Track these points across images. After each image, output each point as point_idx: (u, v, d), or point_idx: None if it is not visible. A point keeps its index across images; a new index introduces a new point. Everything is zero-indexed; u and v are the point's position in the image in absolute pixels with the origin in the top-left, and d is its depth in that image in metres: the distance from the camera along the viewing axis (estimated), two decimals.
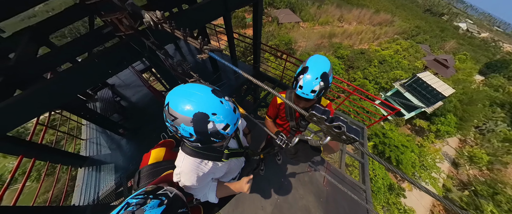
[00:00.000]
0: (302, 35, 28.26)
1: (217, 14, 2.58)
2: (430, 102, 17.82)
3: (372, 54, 23.19)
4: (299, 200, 2.02)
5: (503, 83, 30.57)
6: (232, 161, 0.99)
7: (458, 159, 18.56)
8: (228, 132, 0.62)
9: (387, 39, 33.26)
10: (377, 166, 11.34)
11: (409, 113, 18.82)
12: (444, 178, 16.34)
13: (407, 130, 19.16)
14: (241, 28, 26.73)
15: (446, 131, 17.12)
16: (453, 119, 17.52)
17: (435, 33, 45.80)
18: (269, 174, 2.26)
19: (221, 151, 0.85)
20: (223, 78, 4.40)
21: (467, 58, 34.69)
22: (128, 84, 4.70)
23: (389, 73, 20.51)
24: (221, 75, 4.51)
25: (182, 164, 0.78)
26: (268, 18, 30.40)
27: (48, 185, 9.13)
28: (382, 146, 12.38)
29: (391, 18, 45.78)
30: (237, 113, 0.66)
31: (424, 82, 17.88)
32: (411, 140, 14.41)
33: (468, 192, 14.83)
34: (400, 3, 67.02)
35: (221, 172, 0.95)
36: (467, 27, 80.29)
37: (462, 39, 51.95)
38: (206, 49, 0.81)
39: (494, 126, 21.74)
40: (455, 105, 18.41)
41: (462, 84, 23.04)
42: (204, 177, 0.83)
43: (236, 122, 0.65)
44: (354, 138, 0.49)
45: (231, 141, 1.00)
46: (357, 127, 3.97)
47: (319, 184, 2.31)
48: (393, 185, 12.20)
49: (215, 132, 0.60)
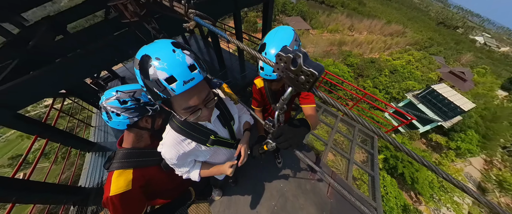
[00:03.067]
0: (310, 42, 28.63)
1: (227, 10, 2.69)
2: (447, 116, 16.74)
3: (382, 63, 22.66)
4: (298, 211, 1.83)
5: None
6: (220, 150, 1.00)
7: (484, 182, 16.83)
8: (173, 88, 0.53)
9: (399, 49, 32.73)
10: (389, 183, 10.39)
11: (424, 126, 17.72)
12: (470, 204, 14.65)
13: (422, 145, 17.91)
14: (252, 32, 27.59)
15: (467, 148, 15.76)
16: (475, 136, 16.18)
17: (450, 45, 44.66)
18: (268, 177, 2.12)
19: (208, 134, 0.85)
20: (229, 76, 4.40)
21: (487, 72, 33.10)
22: None
23: (401, 84, 19.76)
24: (227, 74, 4.47)
25: (165, 136, 0.81)
26: (279, 24, 31.57)
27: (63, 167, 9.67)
28: (394, 160, 11.46)
29: (403, 29, 45.43)
30: (196, 73, 0.56)
31: (440, 95, 16.95)
32: (427, 156, 13.30)
33: None
34: (412, 15, 66.91)
35: (204, 156, 0.95)
36: (485, 40, 77.99)
37: (480, 53, 50.19)
38: (192, 13, 0.74)
39: None
40: (477, 121, 17.13)
41: (483, 99, 21.79)
42: (184, 156, 0.84)
43: (189, 80, 0.55)
44: (313, 72, 0.36)
45: (221, 129, 0.95)
46: (366, 134, 3.56)
47: (322, 195, 2.00)
48: (408, 206, 11.05)
49: (156, 81, 0.52)
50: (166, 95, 0.55)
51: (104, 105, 0.78)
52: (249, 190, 2.00)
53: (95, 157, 3.06)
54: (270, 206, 1.87)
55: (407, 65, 24.06)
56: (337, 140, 7.72)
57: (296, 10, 35.07)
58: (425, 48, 37.72)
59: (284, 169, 2.28)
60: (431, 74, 23.78)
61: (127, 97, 0.79)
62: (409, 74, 21.40)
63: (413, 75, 21.36)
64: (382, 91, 19.31)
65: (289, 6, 34.76)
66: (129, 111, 0.80)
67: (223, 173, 0.97)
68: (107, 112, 0.79)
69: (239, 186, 2.05)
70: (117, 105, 0.78)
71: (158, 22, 1.50)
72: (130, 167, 0.86)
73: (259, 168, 2.26)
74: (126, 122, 0.81)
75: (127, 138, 0.92)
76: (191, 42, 5.72)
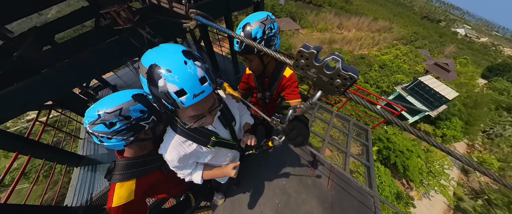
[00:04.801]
0: (301, 41, 28.78)
1: (219, 14, 2.68)
2: (433, 106, 17.39)
3: (372, 59, 23.17)
4: (301, 206, 1.86)
5: (507, 86, 29.90)
6: (221, 150, 0.97)
7: (467, 165, 17.74)
8: (183, 101, 0.51)
9: (386, 44, 33.44)
10: (383, 173, 10.82)
11: (413, 117, 18.34)
12: (454, 186, 15.44)
13: (412, 135, 18.56)
14: None
15: (452, 135, 16.52)
16: (459, 123, 16.97)
17: (434, 38, 45.90)
18: (269, 176, 2.10)
19: (209, 136, 0.82)
20: (223, 79, 4.37)
21: (468, 62, 34.34)
22: (130, 85, 4.73)
23: (390, 78, 20.32)
24: (222, 76, 4.49)
25: (166, 138, 0.79)
26: None
27: (47, 185, 8.82)
28: (387, 151, 11.90)
29: (389, 25, 46.28)
30: (206, 86, 0.54)
31: (427, 86, 17.57)
32: (417, 144, 13.83)
33: (481, 201, 13.96)
34: (398, 11, 68.13)
35: (205, 158, 0.92)
36: (466, 32, 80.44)
37: (461, 44, 51.82)
38: (193, 13, 0.74)
39: (502, 130, 20.99)
40: (460, 109, 17.92)
41: (465, 87, 22.66)
42: (185, 158, 0.82)
43: (199, 93, 0.53)
44: (351, 75, 0.35)
45: (222, 130, 0.92)
46: (360, 127, 3.77)
47: (323, 188, 2.12)
48: (400, 193, 11.54)
49: (165, 93, 0.50)
50: (174, 107, 0.54)
51: (90, 131, 0.67)
52: (252, 191, 1.95)
53: (84, 171, 2.77)
54: (274, 205, 1.85)
55: (395, 59, 24.68)
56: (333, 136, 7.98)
57: (285, 12, 35.10)
58: (411, 42, 38.67)
59: (285, 166, 2.28)
60: (418, 67, 24.52)
61: (113, 118, 0.66)
62: (398, 68, 21.99)
63: (401, 69, 21.96)
64: (373, 86, 19.79)
65: (278, 8, 34.81)
66: (121, 133, 0.69)
67: (227, 175, 0.94)
68: (96, 137, 0.69)
69: (241, 188, 1.98)
70: (105, 130, 0.66)
71: (152, 28, 1.47)
72: (133, 177, 0.80)
73: (260, 167, 2.24)
74: (122, 144, 0.72)
75: (128, 150, 0.84)
76: (193, 48, 5.72)
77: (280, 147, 2.85)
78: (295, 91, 1.22)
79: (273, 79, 1.25)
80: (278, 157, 2.44)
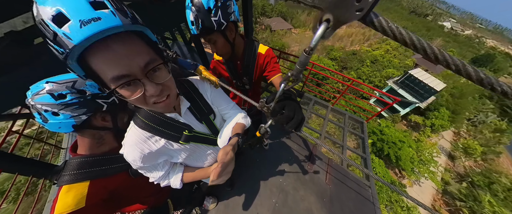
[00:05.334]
0: (294, 41, 28.87)
1: None
2: (423, 97, 17.97)
3: (363, 54, 23.57)
4: (300, 203, 1.80)
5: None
6: (199, 147, 0.79)
7: (453, 151, 18.74)
8: (66, 33, 0.32)
9: (377, 40, 34.03)
10: (377, 164, 11.16)
11: (404, 109, 18.91)
12: (442, 172, 16.30)
13: (403, 126, 19.16)
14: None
15: (440, 124, 17.19)
16: (446, 113, 17.66)
17: (422, 32, 47.07)
18: (265, 175, 2.04)
19: (180, 129, 0.67)
20: None
21: (454, 54, 35.33)
22: None
23: (382, 72, 20.79)
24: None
25: (127, 134, 0.63)
26: (262, 26, 31.17)
27: (19, 203, 8.44)
28: (380, 143, 12.26)
29: None
30: (106, 13, 0.35)
31: (416, 79, 18.11)
32: (408, 135, 14.34)
33: (465, 184, 14.80)
34: (386, 6, 69.21)
35: (179, 156, 0.74)
36: (451, 25, 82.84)
37: (447, 37, 53.40)
38: None
39: (485, 117, 22.13)
40: (447, 99, 18.63)
41: (452, 79, 23.45)
42: (151, 157, 0.65)
43: (90, 20, 0.33)
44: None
45: (197, 124, 0.75)
46: (356, 120, 3.83)
47: (321, 183, 2.11)
48: (394, 182, 11.99)
49: (40, 23, 0.33)
50: (63, 48, 0.34)
51: (32, 103, 0.54)
52: (247, 192, 1.83)
53: None
54: (271, 204, 1.76)
55: (385, 54, 25.19)
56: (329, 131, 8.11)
57: (276, 12, 35.07)
58: None
59: (281, 163, 2.21)
60: (408, 61, 25.15)
61: (64, 89, 0.55)
62: (388, 62, 22.49)
63: (392, 63, 22.48)
64: (366, 81, 20.20)
65: (268, 8, 34.71)
66: (71, 108, 0.56)
67: (208, 176, 0.77)
68: (38, 112, 0.55)
69: (236, 189, 1.83)
70: (51, 102, 0.54)
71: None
72: (86, 179, 0.64)
73: (256, 166, 2.13)
74: (70, 122, 0.58)
75: (81, 143, 0.68)
76: (174, 49, 5.56)
77: (276, 144, 2.60)
78: (275, 67, 1.06)
79: (246, 60, 1.06)
80: (274, 154, 2.38)
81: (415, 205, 12.15)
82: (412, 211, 11.55)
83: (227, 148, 0.61)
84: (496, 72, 38.52)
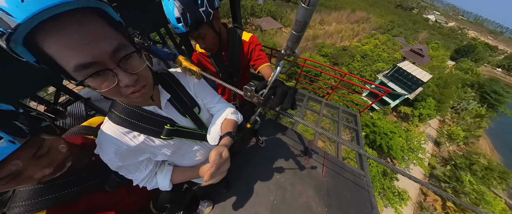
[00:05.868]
0: (285, 39, 29.00)
1: None
2: (411, 89, 18.62)
3: (353, 50, 23.99)
4: (298, 198, 1.77)
5: (471, 66, 32.81)
6: (185, 143, 0.71)
7: (439, 138, 19.86)
8: (3, 7, 0.26)
9: (366, 35, 34.68)
10: (371, 154, 11.60)
11: (394, 101, 19.53)
12: (429, 157, 17.29)
13: (394, 117, 19.88)
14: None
15: (427, 114, 17.96)
16: (433, 102, 18.44)
17: (408, 26, 48.31)
18: (262, 173, 2.02)
19: (161, 124, 0.60)
20: (208, 80, 4.18)
21: (439, 46, 36.82)
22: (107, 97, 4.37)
23: (372, 66, 21.30)
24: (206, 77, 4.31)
25: (101, 130, 0.56)
26: (252, 26, 31.07)
27: None
28: (373, 135, 12.71)
29: (367, 15, 47.88)
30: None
31: (405, 71, 18.68)
32: (398, 126, 14.94)
33: (449, 167, 15.84)
34: (373, 1, 70.28)
35: (163, 154, 0.66)
36: (436, 18, 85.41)
37: (432, 30, 55.11)
38: None
39: (466, 104, 23.39)
40: (433, 89, 19.42)
41: (437, 70, 24.40)
42: (129, 154, 0.57)
43: (44, 6, 0.27)
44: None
45: (180, 118, 0.68)
46: (349, 114, 3.94)
47: (318, 176, 2.16)
48: (386, 170, 12.51)
49: None
50: (3, 27, 0.27)
51: None
52: (244, 192, 1.75)
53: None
54: (269, 202, 1.70)
55: (375, 48, 25.76)
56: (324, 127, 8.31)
57: (265, 11, 34.98)
58: (388, 31, 40.40)
59: (278, 159, 2.16)
60: (396, 54, 25.86)
61: None
62: (378, 57, 23.02)
63: (381, 57, 23.03)
64: (357, 75, 20.68)
65: (257, 8, 34.62)
66: None
67: (202, 175, 0.67)
68: None
69: (232, 190, 1.74)
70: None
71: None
72: (41, 209, 0.51)
73: (252, 164, 2.05)
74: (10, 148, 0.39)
75: None
76: None
77: (271, 141, 2.54)
78: (261, 55, 0.99)
79: (231, 49, 0.98)
80: (270, 151, 2.32)
81: (405, 189, 12.89)
82: (402, 195, 12.18)
83: (220, 148, 0.54)
84: (477, 61, 40.30)
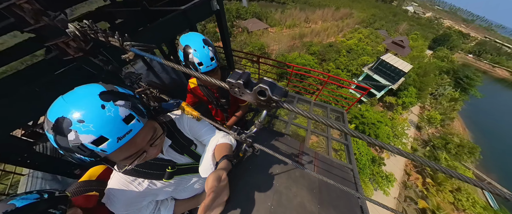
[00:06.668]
0: (273, 39, 29.13)
1: (182, 28, 2.63)
2: (394, 79, 19.60)
3: (339, 45, 24.65)
4: (293, 199, 1.81)
5: (447, 53, 34.80)
6: (184, 178, 0.79)
7: (420, 123, 21.41)
8: (104, 149, 0.41)
9: (350, 30, 35.54)
10: (361, 144, 12.27)
11: (379, 92, 20.48)
12: (412, 141, 18.70)
13: (380, 108, 20.91)
14: (214, 42, 26.84)
15: (409, 101, 19.12)
16: (414, 91, 19.60)
17: (389, 18, 50.01)
18: (260, 180, 2.07)
19: (163, 167, 0.68)
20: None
21: (418, 37, 38.57)
22: None
23: (357, 60, 22.06)
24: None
25: (110, 181, 0.63)
26: (239, 29, 30.99)
27: None
28: (362, 125, 13.42)
29: (350, 11, 48.95)
30: (134, 123, 0.44)
31: (388, 63, 19.59)
32: (384, 115, 15.83)
33: (429, 148, 17.38)
34: None
35: (165, 193, 0.74)
36: (414, 9, 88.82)
37: (411, 21, 57.40)
38: (128, 45, 0.69)
39: (443, 90, 25.11)
40: (414, 78, 20.57)
41: (417, 60, 25.67)
42: (135, 200, 0.65)
43: (124, 135, 0.43)
44: (280, 98, 0.39)
45: (179, 157, 0.76)
46: (337, 111, 4.24)
47: (310, 176, 2.30)
48: (375, 157, 13.31)
49: (78, 146, 0.39)
50: (93, 158, 0.42)
51: None
52: (243, 201, 1.80)
53: None
54: (267, 208, 1.73)
55: (359, 43, 26.60)
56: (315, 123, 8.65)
57: (250, 13, 34.90)
58: (371, 24, 41.66)
59: (272, 165, 2.20)
60: (379, 46, 26.89)
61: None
62: (362, 50, 23.84)
63: (365, 51, 23.88)
64: (344, 70, 21.31)
65: (242, 10, 34.56)
66: None
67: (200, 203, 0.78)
68: None
69: (232, 202, 1.78)
70: None
71: (110, 52, 1.31)
72: None
73: (249, 174, 2.10)
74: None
75: None
76: (154, 63, 5.36)
77: (265, 147, 2.77)
78: None
79: (221, 88, 1.22)
80: (265, 158, 2.31)
81: (392, 172, 13.83)
82: (389, 178, 13.10)
83: (218, 172, 0.55)
84: (452, 49, 42.77)
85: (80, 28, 0.79)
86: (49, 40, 1.17)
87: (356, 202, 2.46)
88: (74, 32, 0.81)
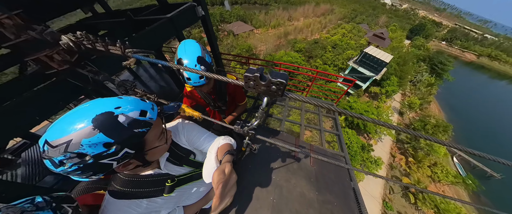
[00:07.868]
0: (259, 40, 29.18)
1: (169, 35, 2.59)
2: (377, 70, 20.48)
3: (324, 41, 25.13)
4: (293, 190, 1.85)
5: (423, 42, 36.83)
6: (185, 188, 0.77)
7: (402, 109, 22.80)
8: (150, 117, 0.52)
9: (333, 26, 36.40)
10: (351, 134, 12.81)
11: (365, 83, 21.31)
12: None
13: (366, 98, 21.80)
14: None
15: (392, 90, 20.14)
16: (395, 79, 20.66)
17: (369, 12, 51.75)
18: (261, 177, 2.08)
19: (162, 182, 0.65)
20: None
21: (396, 28, 40.37)
22: None
23: (343, 55, 22.72)
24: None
25: (103, 211, 0.58)
26: (224, 32, 30.79)
27: None
28: (351, 117, 13.96)
29: (331, 7, 49.99)
30: (150, 103, 0.56)
31: (371, 55, 20.40)
32: (370, 104, 16.57)
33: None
34: None
35: (168, 207, 0.72)
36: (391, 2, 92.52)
37: (390, 13, 59.85)
38: (130, 52, 0.71)
39: (421, 77, 26.73)
40: (395, 68, 21.62)
41: (396, 50, 26.94)
42: None
43: (152, 106, 0.54)
44: (281, 81, 0.44)
45: (177, 169, 0.75)
46: (327, 104, 4.43)
47: (307, 166, 2.41)
48: (364, 144, 13.96)
49: (134, 122, 0.47)
50: (147, 127, 0.51)
51: None
52: (246, 200, 1.80)
53: None
54: (270, 202, 1.76)
55: (343, 38, 27.37)
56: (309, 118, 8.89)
57: (234, 16, 34.86)
58: (352, 19, 42.89)
59: (271, 162, 2.19)
60: (362, 40, 27.84)
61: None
62: (347, 45, 24.57)
63: (349, 45, 24.63)
64: (331, 65, 21.87)
65: (226, 14, 34.38)
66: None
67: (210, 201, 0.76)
68: None
69: (235, 201, 1.77)
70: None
71: (95, 63, 1.24)
72: None
73: (250, 172, 2.08)
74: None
75: None
76: (140, 72, 5.17)
77: (263, 145, 2.86)
78: (242, 93, 1.38)
79: (218, 90, 1.31)
80: (263, 155, 2.33)
81: (380, 156, 14.60)
82: (378, 162, 13.84)
83: (221, 166, 0.58)
84: (427, 38, 45.30)
85: (76, 39, 0.77)
86: (29, 55, 1.10)
87: (349, 185, 2.62)
88: (68, 44, 0.78)
